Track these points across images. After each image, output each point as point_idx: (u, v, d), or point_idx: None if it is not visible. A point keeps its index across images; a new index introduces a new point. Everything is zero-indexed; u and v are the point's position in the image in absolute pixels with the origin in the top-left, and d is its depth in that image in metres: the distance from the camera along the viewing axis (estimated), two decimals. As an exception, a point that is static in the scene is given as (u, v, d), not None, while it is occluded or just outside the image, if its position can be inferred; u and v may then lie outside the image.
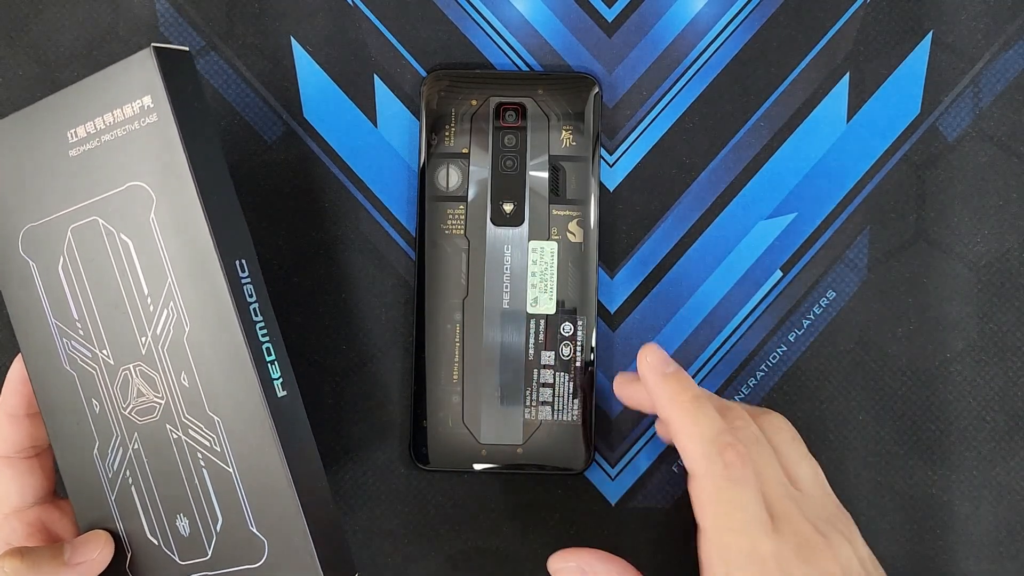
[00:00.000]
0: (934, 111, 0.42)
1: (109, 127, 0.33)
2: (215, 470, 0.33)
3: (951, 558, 0.41)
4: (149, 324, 0.33)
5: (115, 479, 0.34)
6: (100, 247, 0.33)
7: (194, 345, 0.32)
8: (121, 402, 0.34)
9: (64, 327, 0.34)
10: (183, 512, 0.34)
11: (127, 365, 0.34)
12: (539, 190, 0.41)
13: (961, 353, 0.41)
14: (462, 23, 0.42)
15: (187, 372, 0.33)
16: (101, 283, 0.33)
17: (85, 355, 0.34)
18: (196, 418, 0.33)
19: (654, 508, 0.41)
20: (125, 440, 0.34)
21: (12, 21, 0.42)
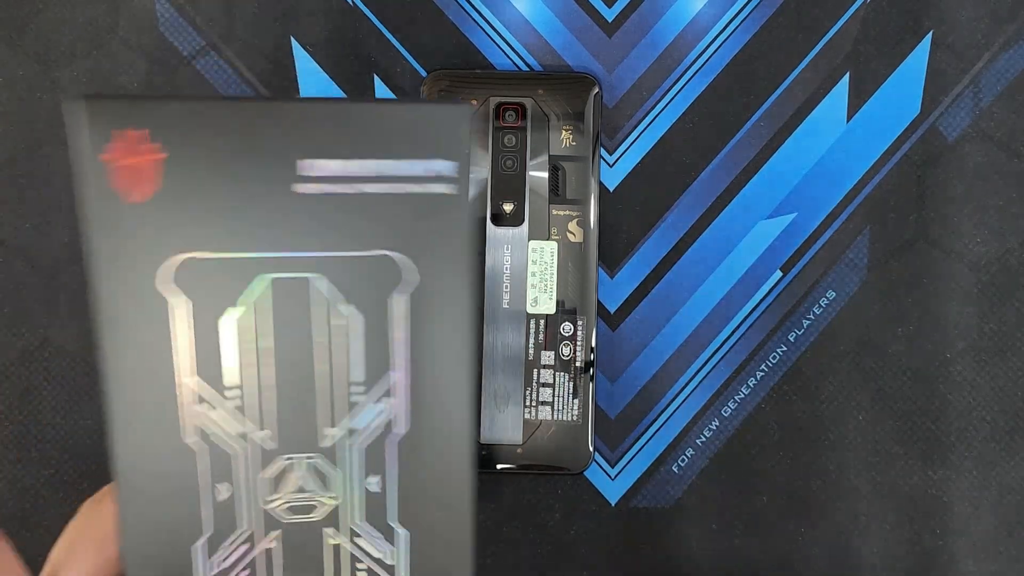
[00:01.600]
0: (934, 111, 0.42)
1: (374, 177, 0.25)
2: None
3: (951, 558, 0.41)
4: (346, 415, 0.27)
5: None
6: (303, 311, 0.26)
7: (404, 451, 0.27)
8: (267, 493, 0.27)
9: (207, 391, 0.27)
10: None
11: (293, 455, 0.27)
12: (539, 190, 0.41)
13: (961, 353, 0.41)
14: (462, 23, 0.42)
15: (381, 477, 0.27)
16: (289, 353, 0.26)
17: (229, 431, 0.27)
18: (374, 526, 0.28)
19: (654, 508, 0.41)
20: (256, 537, 0.28)
21: (12, 21, 0.42)
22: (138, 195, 0.25)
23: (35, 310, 0.41)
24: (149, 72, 0.42)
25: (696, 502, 0.41)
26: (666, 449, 0.41)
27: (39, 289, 0.41)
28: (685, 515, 0.41)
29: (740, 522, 0.41)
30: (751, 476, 0.41)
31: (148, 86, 0.42)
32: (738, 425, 0.41)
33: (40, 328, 0.41)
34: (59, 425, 0.41)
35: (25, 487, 0.41)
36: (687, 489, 0.41)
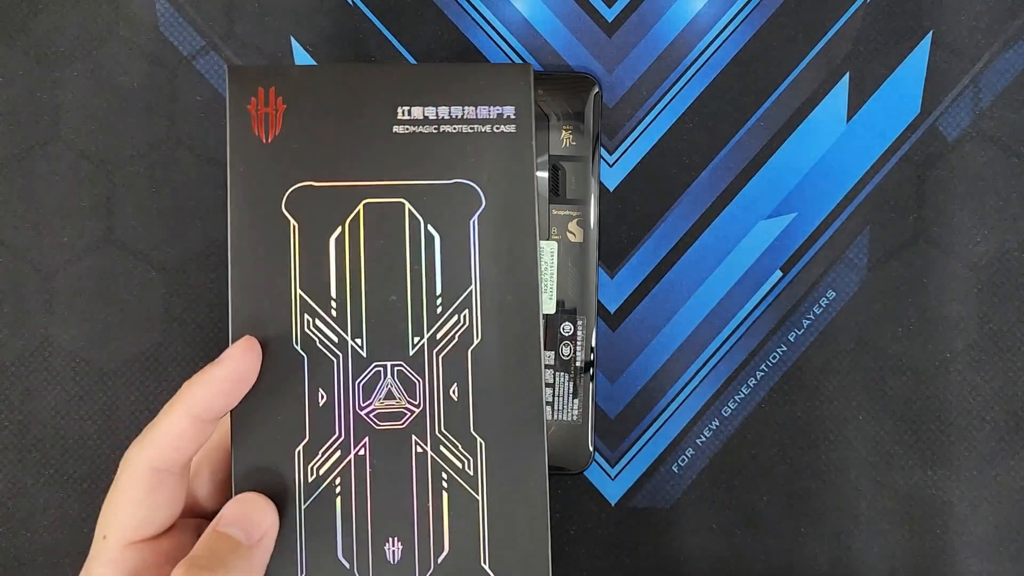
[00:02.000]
0: (934, 111, 0.42)
1: (455, 120, 0.31)
2: (460, 495, 0.30)
3: (951, 558, 0.41)
4: (430, 326, 0.30)
5: (317, 484, 0.30)
6: (397, 231, 0.31)
7: (479, 360, 0.30)
8: (361, 400, 0.30)
9: (312, 302, 0.30)
10: (400, 536, 0.30)
11: (384, 362, 0.30)
12: (539, 190, 0.41)
13: (961, 353, 0.41)
14: (462, 23, 0.42)
15: (460, 385, 0.30)
16: (383, 268, 0.31)
17: (329, 339, 0.30)
18: (455, 435, 0.30)
19: (654, 508, 0.41)
20: (350, 443, 0.30)
21: (12, 21, 0.42)
22: (268, 136, 0.31)
23: (35, 310, 0.41)
24: (149, 72, 0.42)
25: (696, 502, 0.41)
26: (666, 449, 0.41)
27: (40, 289, 0.41)
28: (685, 515, 0.41)
29: (740, 522, 0.41)
30: (751, 476, 0.41)
31: (148, 86, 0.42)
32: (738, 425, 0.41)
33: (40, 328, 0.41)
34: (59, 425, 0.41)
35: (25, 487, 0.41)
36: (687, 489, 0.41)
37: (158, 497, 0.28)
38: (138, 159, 0.42)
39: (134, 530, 0.28)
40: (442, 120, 0.31)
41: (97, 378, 0.41)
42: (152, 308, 0.41)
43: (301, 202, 0.31)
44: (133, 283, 0.41)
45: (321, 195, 0.31)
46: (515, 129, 0.31)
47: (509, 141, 0.31)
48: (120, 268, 0.41)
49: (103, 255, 0.41)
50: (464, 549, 0.30)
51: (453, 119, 0.31)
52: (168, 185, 0.41)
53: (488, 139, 0.31)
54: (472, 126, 0.31)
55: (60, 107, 0.42)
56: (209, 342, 0.41)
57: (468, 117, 0.31)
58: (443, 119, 0.31)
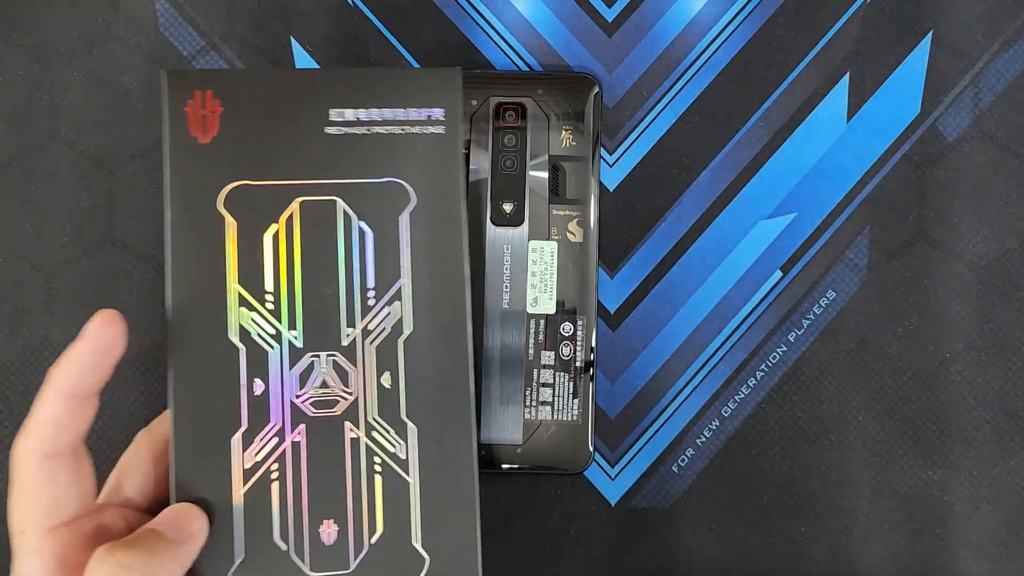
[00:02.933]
0: (934, 111, 0.42)
1: (385, 121, 0.32)
2: (392, 478, 0.32)
3: (951, 558, 0.41)
4: (363, 317, 0.32)
5: (254, 470, 0.31)
6: (331, 227, 0.32)
7: (411, 349, 0.32)
8: (296, 389, 0.32)
9: (249, 296, 0.32)
10: (335, 518, 0.32)
11: (319, 352, 0.32)
12: (539, 190, 0.41)
13: (961, 353, 0.41)
14: (462, 23, 0.42)
15: (391, 373, 0.32)
16: (316, 263, 0.32)
17: (265, 330, 0.32)
18: (387, 421, 0.32)
19: (654, 508, 0.41)
20: (285, 430, 0.32)
21: (12, 21, 0.42)
22: (205, 138, 0.32)
23: (35, 310, 0.41)
24: (149, 72, 0.42)
25: (696, 502, 0.41)
26: (666, 449, 0.41)
27: (39, 289, 0.41)
28: (685, 515, 0.41)
29: (740, 522, 0.41)
30: (751, 476, 0.41)
31: (148, 86, 0.42)
32: (738, 425, 0.41)
33: (40, 328, 0.41)
34: (59, 425, 0.41)
35: (25, 487, 0.41)
36: (687, 489, 0.41)
37: (58, 480, 0.28)
38: (138, 159, 0.42)
39: (46, 516, 0.28)
40: (373, 121, 0.32)
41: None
42: (152, 308, 0.41)
43: (238, 200, 0.32)
44: (133, 283, 0.41)
45: (257, 193, 0.32)
46: (444, 130, 0.33)
47: (438, 141, 0.32)
48: (120, 268, 0.41)
49: (103, 255, 0.41)
50: (397, 530, 0.31)
51: (384, 120, 0.32)
52: (168, 185, 0.41)
53: (418, 140, 0.32)
54: (402, 127, 0.32)
55: (60, 107, 0.42)
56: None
57: (399, 119, 0.32)
58: (374, 120, 0.32)
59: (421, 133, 0.33)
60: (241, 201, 0.32)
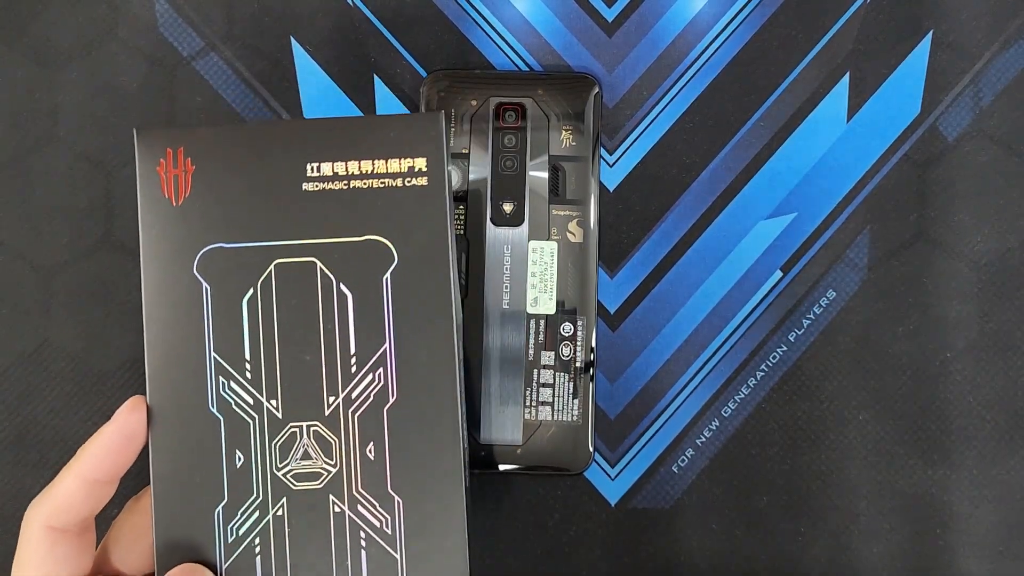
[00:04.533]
0: (934, 110, 0.42)
1: (364, 175, 0.31)
2: (378, 553, 0.30)
3: (952, 558, 0.41)
4: (344, 385, 0.30)
5: (236, 545, 0.30)
6: (309, 290, 0.31)
7: (395, 418, 0.30)
8: (277, 461, 0.31)
9: (226, 364, 0.31)
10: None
11: (299, 423, 0.31)
12: (539, 190, 0.41)
13: (962, 352, 0.41)
14: (462, 23, 0.42)
15: (376, 444, 0.30)
16: (295, 329, 0.31)
17: (245, 401, 0.31)
18: (372, 495, 0.30)
19: (654, 509, 0.41)
20: (267, 504, 0.30)
21: (12, 21, 0.42)
22: (178, 199, 0.31)
23: (35, 311, 0.41)
24: (149, 73, 0.42)
25: (696, 502, 0.41)
26: (666, 449, 0.41)
27: (39, 289, 0.41)
28: (685, 515, 0.41)
29: (740, 522, 0.41)
30: (751, 476, 0.41)
31: (147, 87, 0.42)
32: (738, 425, 0.41)
33: (40, 329, 0.41)
34: (58, 426, 0.41)
35: (24, 488, 0.41)
36: (687, 489, 0.41)
37: (58, 554, 0.29)
38: (137, 160, 0.41)
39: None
40: (352, 175, 0.31)
41: (95, 379, 0.41)
42: (151, 309, 0.41)
43: (212, 264, 0.31)
44: (132, 284, 0.41)
45: (232, 256, 0.31)
46: (427, 182, 0.31)
47: (421, 195, 0.31)
48: (119, 269, 0.41)
49: (102, 256, 0.41)
50: None
51: (363, 174, 0.31)
52: (167, 186, 0.41)
53: (399, 193, 0.31)
54: (383, 180, 0.31)
55: (59, 108, 0.42)
56: (209, 343, 0.41)
57: (378, 171, 0.31)
58: (353, 174, 0.31)
59: (403, 186, 0.31)
60: (216, 265, 0.31)
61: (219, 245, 0.31)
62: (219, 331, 0.31)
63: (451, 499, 0.30)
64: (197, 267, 0.31)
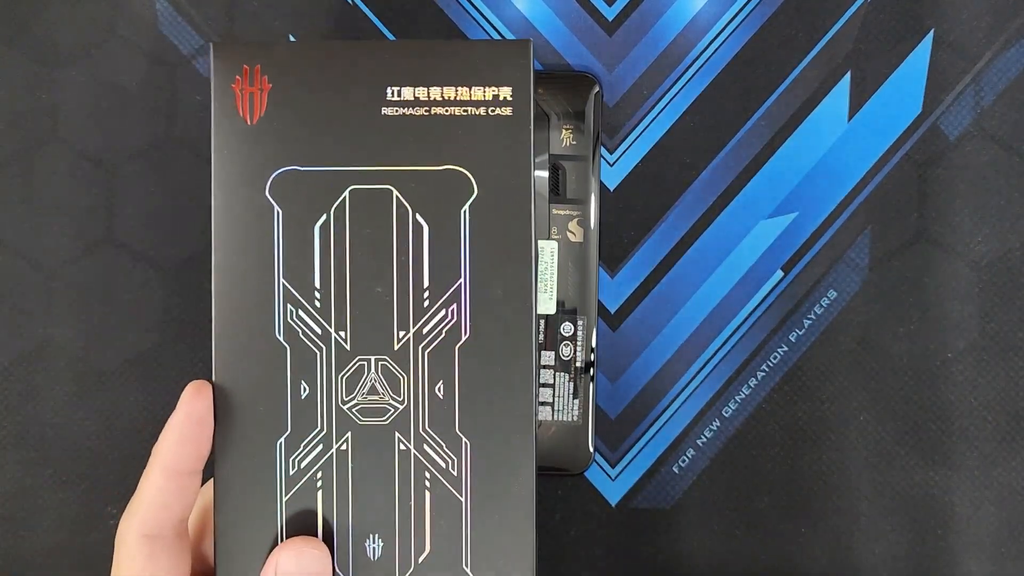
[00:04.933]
0: (935, 110, 0.42)
1: (447, 102, 0.29)
2: (442, 495, 0.29)
3: (952, 559, 0.41)
4: (416, 320, 0.29)
5: (298, 478, 0.29)
6: (384, 220, 0.29)
7: (467, 357, 0.29)
8: (344, 394, 0.30)
9: (295, 291, 0.29)
10: (380, 533, 0.29)
11: (368, 356, 0.30)
12: (539, 190, 0.41)
13: (963, 353, 0.41)
14: (462, 22, 0.42)
15: (446, 383, 0.29)
16: (368, 258, 0.29)
17: (313, 330, 0.30)
18: (439, 434, 0.29)
19: (654, 509, 0.41)
20: (331, 437, 0.29)
21: (13, 20, 0.42)
22: (252, 118, 0.30)
23: (35, 310, 0.41)
24: (149, 71, 0.42)
25: (697, 503, 0.41)
26: (667, 450, 0.41)
27: (39, 289, 0.41)
28: (685, 516, 0.41)
29: (741, 523, 0.41)
30: (752, 477, 0.41)
31: (148, 86, 0.42)
32: (739, 425, 0.41)
33: (40, 328, 0.41)
34: (59, 425, 0.41)
35: (25, 487, 0.41)
36: (687, 490, 0.41)
37: (158, 564, 0.28)
38: (138, 159, 0.42)
39: None
40: (433, 102, 0.30)
41: (97, 378, 0.41)
42: (151, 308, 0.41)
43: (285, 187, 0.30)
44: (133, 283, 0.41)
45: (306, 180, 0.30)
46: (511, 112, 0.29)
47: (505, 125, 0.29)
48: (120, 268, 0.41)
49: (103, 255, 0.41)
50: (446, 550, 0.29)
51: (445, 101, 0.30)
52: (168, 185, 0.41)
53: (482, 123, 0.29)
54: (465, 108, 0.30)
55: (60, 107, 0.42)
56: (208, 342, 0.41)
57: (461, 99, 0.30)
58: (435, 101, 0.30)
59: (486, 115, 0.29)
60: (289, 188, 0.29)
61: (293, 168, 0.30)
62: (289, 257, 0.29)
63: (521, 443, 0.29)
64: (269, 189, 0.30)
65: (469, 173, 0.29)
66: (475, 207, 0.29)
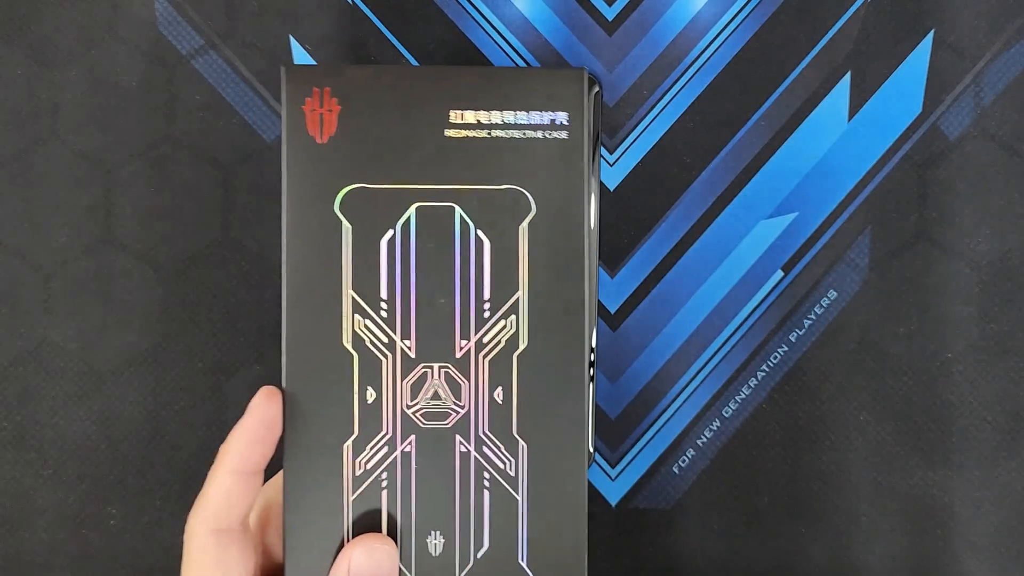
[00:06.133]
0: (935, 110, 0.42)
1: (507, 125, 0.31)
2: (500, 494, 0.31)
3: (952, 559, 0.41)
4: (476, 330, 0.31)
5: (364, 478, 0.31)
6: (448, 235, 0.31)
7: (524, 364, 0.31)
8: (408, 399, 0.31)
9: (363, 302, 0.31)
10: (441, 530, 0.31)
11: (431, 363, 0.31)
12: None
13: (963, 353, 0.41)
14: (462, 22, 0.42)
15: (504, 388, 0.31)
16: (432, 271, 0.31)
17: (379, 339, 0.31)
18: (497, 437, 0.31)
19: (654, 509, 0.41)
20: (396, 440, 0.31)
21: (12, 19, 0.42)
22: (322, 137, 0.31)
23: (34, 310, 0.41)
24: (148, 71, 0.42)
25: (697, 503, 0.41)
26: (667, 450, 0.41)
27: (38, 289, 0.41)
28: (685, 516, 0.41)
29: (741, 523, 0.41)
30: (752, 476, 0.41)
31: (147, 85, 0.41)
32: (739, 425, 0.41)
33: (39, 328, 0.41)
34: (58, 425, 0.41)
35: (24, 487, 0.41)
36: (688, 490, 0.41)
37: (228, 557, 0.29)
38: (137, 158, 0.41)
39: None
40: (494, 125, 0.31)
41: (95, 378, 0.41)
42: (150, 308, 0.41)
43: (354, 203, 0.31)
44: (131, 283, 0.41)
45: (374, 197, 0.31)
46: (567, 136, 0.31)
47: (561, 148, 0.31)
48: (118, 268, 0.41)
49: (101, 255, 0.41)
50: (503, 546, 0.31)
51: (506, 124, 0.31)
52: (167, 185, 0.41)
53: (540, 145, 0.31)
54: (524, 132, 0.31)
55: (59, 106, 0.41)
56: (208, 342, 0.41)
57: (520, 123, 0.31)
58: (495, 124, 0.31)
59: (544, 138, 0.31)
60: (358, 204, 0.31)
61: (362, 185, 0.31)
62: (357, 270, 0.31)
63: (574, 446, 0.31)
64: (339, 206, 0.31)
65: (527, 192, 0.31)
66: (533, 224, 0.31)
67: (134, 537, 0.41)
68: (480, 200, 0.31)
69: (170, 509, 0.41)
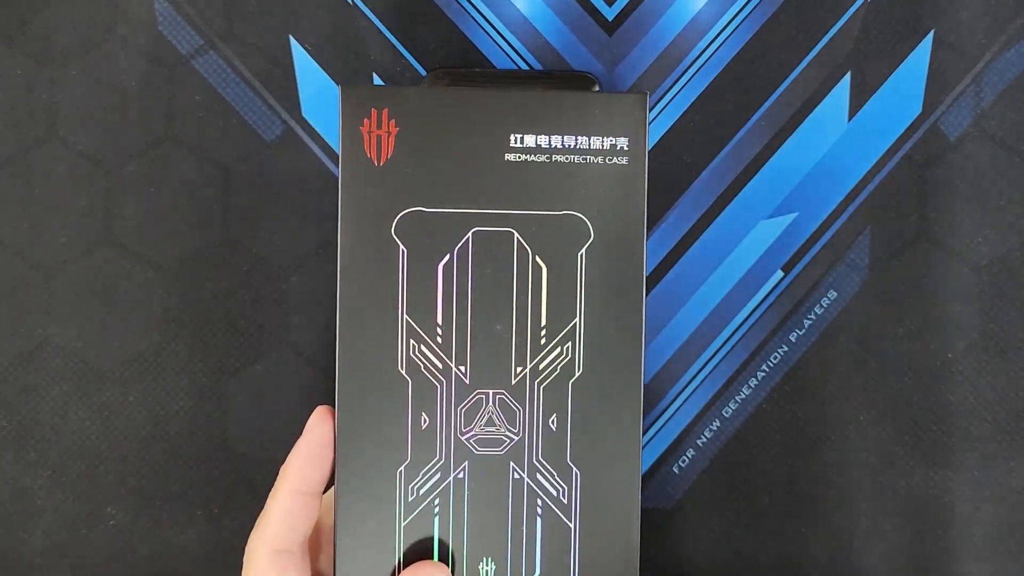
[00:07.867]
0: (935, 110, 0.42)
1: (567, 149, 0.31)
2: (553, 521, 0.31)
3: (952, 559, 0.41)
4: (532, 357, 0.31)
5: (417, 504, 0.31)
6: (505, 260, 0.31)
7: (579, 392, 0.31)
8: (462, 426, 0.31)
9: (418, 327, 0.31)
10: (493, 556, 0.31)
11: (486, 390, 0.31)
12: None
13: (963, 353, 0.41)
14: (462, 22, 0.42)
15: (559, 416, 0.31)
16: (489, 297, 0.31)
17: (434, 364, 0.31)
18: (551, 464, 0.31)
19: (655, 509, 0.41)
20: (449, 466, 0.31)
21: (11, 21, 0.42)
22: (380, 159, 0.31)
23: (34, 310, 0.41)
24: (148, 71, 0.42)
25: (697, 503, 0.41)
26: (667, 450, 0.41)
27: (39, 289, 0.41)
28: (686, 516, 0.41)
29: (741, 523, 0.41)
30: (752, 477, 0.41)
31: (147, 85, 0.42)
32: (739, 426, 0.41)
33: (39, 328, 0.41)
34: (58, 425, 0.41)
35: (24, 487, 0.41)
36: (688, 490, 0.41)
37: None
38: (136, 158, 0.41)
39: None
40: (554, 149, 0.31)
41: (96, 378, 0.41)
42: (150, 308, 0.41)
43: (411, 227, 0.31)
44: (132, 283, 0.41)
45: (431, 221, 0.31)
46: (627, 161, 0.31)
47: (621, 173, 0.31)
48: (118, 268, 0.41)
49: (101, 255, 0.41)
50: (555, 572, 0.31)
51: (566, 148, 0.31)
52: (167, 185, 0.41)
53: (600, 170, 0.31)
54: (584, 156, 0.31)
55: (58, 106, 0.41)
56: (208, 342, 0.41)
57: (581, 147, 0.31)
58: (555, 148, 0.31)
59: (603, 163, 0.31)
60: (414, 228, 0.31)
61: (419, 208, 0.31)
62: (413, 294, 0.31)
63: (628, 474, 0.31)
64: (395, 229, 0.31)
65: (586, 218, 0.31)
66: (591, 251, 0.31)
67: (134, 537, 0.41)
68: (538, 225, 0.31)
69: (170, 509, 0.41)
